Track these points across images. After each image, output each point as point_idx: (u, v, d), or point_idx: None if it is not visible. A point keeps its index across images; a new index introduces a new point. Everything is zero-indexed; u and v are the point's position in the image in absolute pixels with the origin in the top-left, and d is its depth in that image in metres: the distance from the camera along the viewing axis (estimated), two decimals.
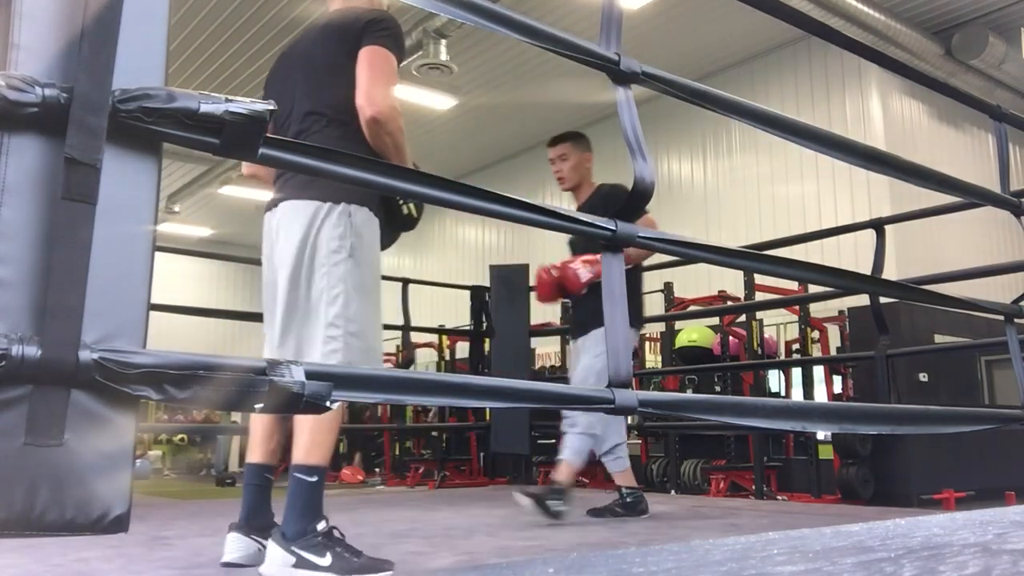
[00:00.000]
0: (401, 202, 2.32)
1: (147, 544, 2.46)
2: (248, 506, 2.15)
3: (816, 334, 6.50)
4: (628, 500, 3.44)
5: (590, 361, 3.43)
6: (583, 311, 3.61)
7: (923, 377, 6.66)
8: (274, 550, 1.90)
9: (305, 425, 2.00)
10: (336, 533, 1.96)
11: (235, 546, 2.10)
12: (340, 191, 2.09)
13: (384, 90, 2.11)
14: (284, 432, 2.22)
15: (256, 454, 2.20)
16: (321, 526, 1.92)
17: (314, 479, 1.96)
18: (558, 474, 3.30)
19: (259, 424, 2.21)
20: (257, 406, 0.93)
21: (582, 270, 3.49)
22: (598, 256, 3.00)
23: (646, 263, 4.70)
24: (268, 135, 1.00)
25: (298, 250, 2.09)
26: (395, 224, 2.33)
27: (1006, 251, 8.78)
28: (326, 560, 1.87)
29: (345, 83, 2.14)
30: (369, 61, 2.12)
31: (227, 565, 2.08)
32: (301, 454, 1.97)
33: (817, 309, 6.52)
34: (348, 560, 1.89)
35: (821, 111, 8.56)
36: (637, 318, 3.61)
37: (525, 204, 1.31)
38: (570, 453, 3.33)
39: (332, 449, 2.05)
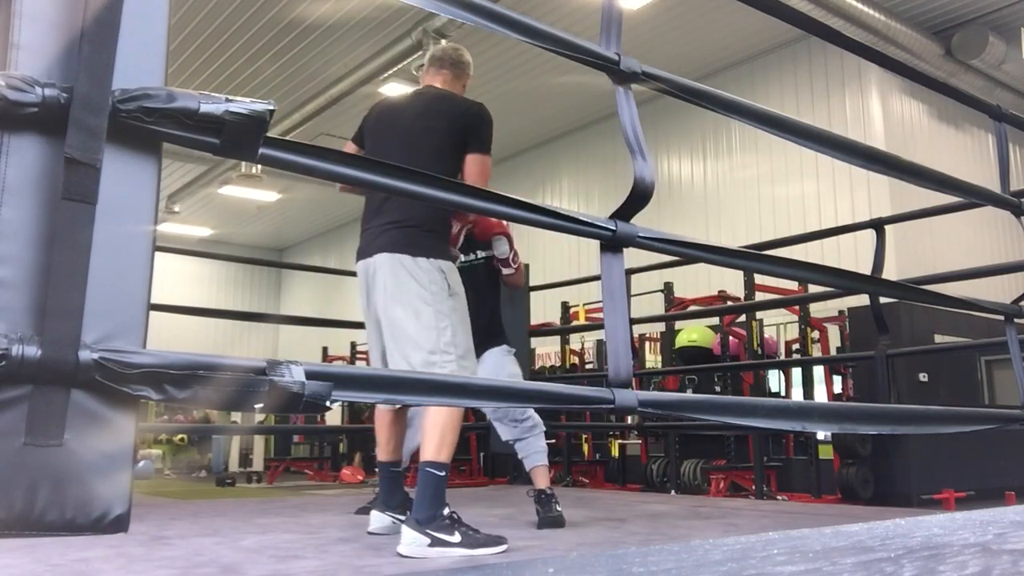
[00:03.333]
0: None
1: (147, 544, 2.46)
2: (384, 491, 2.81)
3: (816, 334, 6.50)
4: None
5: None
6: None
7: (923, 377, 6.66)
8: (409, 534, 2.26)
9: (435, 427, 2.39)
10: (457, 516, 2.34)
11: (377, 520, 2.73)
12: (436, 249, 2.57)
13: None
14: (399, 435, 2.86)
15: (382, 454, 2.86)
16: (447, 511, 2.31)
17: (442, 473, 2.37)
18: (542, 481, 3.08)
19: (381, 431, 2.83)
20: (257, 406, 0.93)
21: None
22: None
23: (646, 263, 4.69)
24: (268, 135, 1.00)
25: (390, 294, 2.56)
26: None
27: (1006, 251, 8.78)
28: (456, 538, 2.26)
29: (442, 170, 2.47)
30: (480, 171, 2.59)
31: (372, 533, 2.68)
32: (431, 452, 2.37)
33: (817, 309, 6.52)
34: (473, 537, 2.28)
35: (821, 111, 8.56)
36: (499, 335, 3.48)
37: (525, 204, 1.31)
38: (539, 456, 3.17)
39: (455, 446, 2.45)
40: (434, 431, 2.39)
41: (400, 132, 2.71)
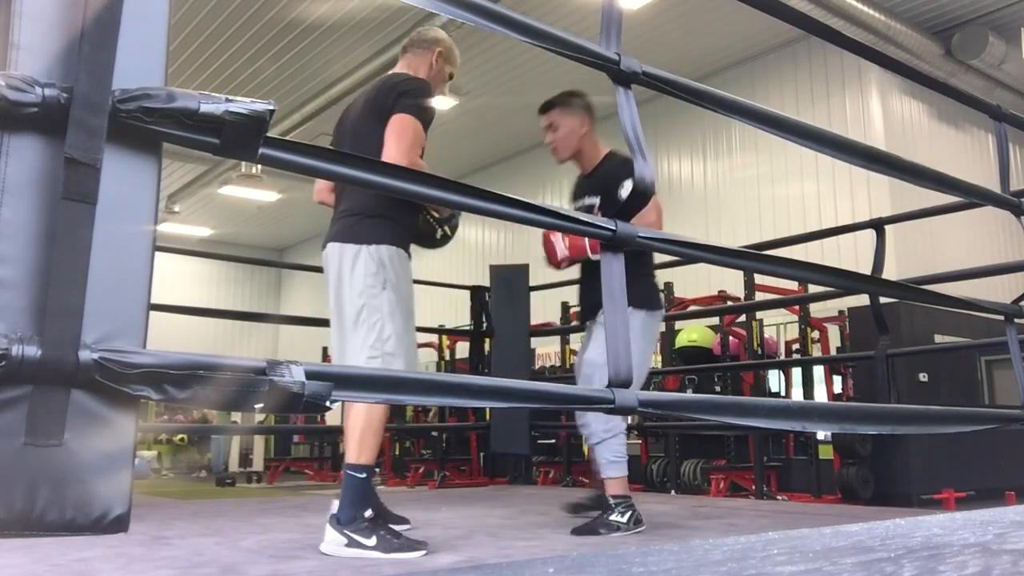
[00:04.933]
0: (437, 226, 2.74)
1: (147, 544, 2.46)
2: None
3: (816, 334, 6.50)
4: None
5: (593, 355, 2.99)
6: (592, 289, 3.12)
7: (923, 377, 6.66)
8: (330, 532, 2.27)
9: (354, 430, 2.38)
10: (380, 520, 2.32)
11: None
12: (376, 235, 2.50)
13: (405, 157, 2.43)
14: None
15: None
16: (368, 514, 2.29)
17: (362, 475, 2.36)
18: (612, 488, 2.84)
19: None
20: (257, 406, 0.93)
21: (559, 244, 3.09)
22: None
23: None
24: (268, 135, 1.00)
25: (335, 285, 2.57)
26: (429, 244, 2.79)
27: (1006, 251, 8.78)
28: (372, 541, 2.24)
29: (375, 149, 2.46)
30: (398, 130, 2.46)
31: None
32: (351, 455, 2.37)
33: (817, 309, 6.51)
34: (390, 541, 2.25)
35: (821, 111, 8.56)
36: (649, 299, 3.06)
37: (525, 204, 1.31)
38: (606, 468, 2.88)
39: (378, 449, 2.44)
40: (353, 434, 2.37)
41: (350, 131, 2.67)
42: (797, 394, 6.23)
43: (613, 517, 2.74)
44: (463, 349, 7.55)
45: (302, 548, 2.41)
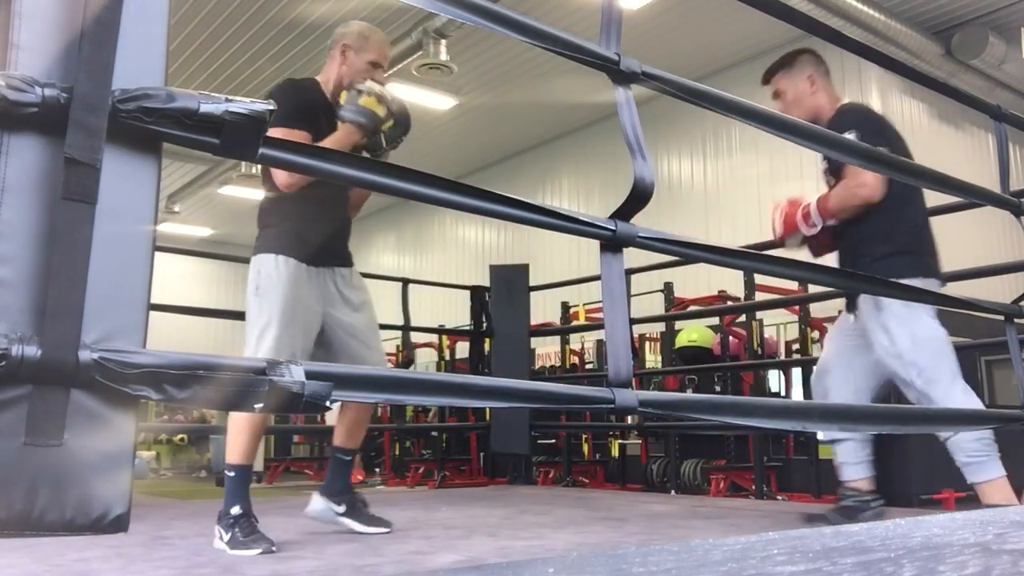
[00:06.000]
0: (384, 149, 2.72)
1: (147, 544, 2.46)
2: (328, 475, 2.87)
3: (816, 334, 6.49)
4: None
5: (886, 349, 2.69)
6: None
7: None
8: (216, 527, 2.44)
9: (230, 430, 2.55)
10: (243, 518, 2.41)
11: (314, 503, 2.76)
12: (257, 246, 2.62)
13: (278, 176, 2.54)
14: (347, 420, 2.79)
15: (334, 437, 2.86)
16: (235, 511, 2.41)
17: (231, 474, 2.52)
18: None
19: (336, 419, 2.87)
20: (257, 406, 0.93)
21: (777, 221, 2.85)
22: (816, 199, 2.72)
23: (646, 263, 4.68)
24: (267, 135, 1.00)
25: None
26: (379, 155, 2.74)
27: (1006, 251, 8.78)
28: (227, 536, 2.38)
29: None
30: None
31: (311, 518, 2.75)
32: (227, 454, 2.55)
33: (817, 309, 6.51)
34: (237, 540, 2.35)
35: None
36: (916, 267, 2.76)
37: (525, 204, 1.31)
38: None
39: (248, 450, 2.54)
40: (229, 434, 2.56)
41: None
42: (797, 394, 6.23)
43: None
44: (463, 349, 7.55)
45: (302, 548, 2.41)
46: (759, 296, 6.03)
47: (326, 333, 2.68)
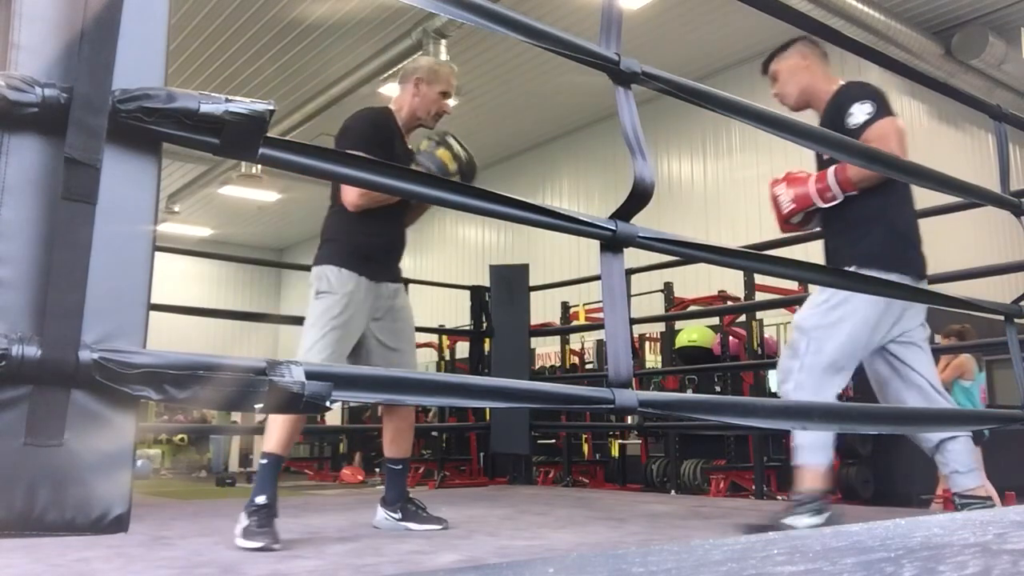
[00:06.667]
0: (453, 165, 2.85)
1: (147, 544, 2.46)
2: (385, 486, 2.99)
3: None
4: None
5: (801, 317, 2.74)
6: (831, 234, 2.83)
7: None
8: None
9: (269, 421, 2.66)
10: (265, 509, 2.45)
11: (377, 514, 2.92)
12: (321, 256, 2.86)
13: (348, 193, 2.77)
14: (393, 430, 2.98)
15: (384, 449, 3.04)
16: (260, 500, 2.46)
17: (264, 461, 2.59)
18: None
19: (384, 425, 3.03)
20: (257, 406, 0.93)
21: (784, 198, 2.80)
22: (810, 175, 2.71)
23: (646, 263, 4.68)
24: (268, 135, 1.00)
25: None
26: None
27: (1006, 251, 8.78)
28: (244, 523, 2.43)
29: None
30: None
31: (375, 527, 2.89)
32: (264, 443, 2.62)
33: None
34: (248, 529, 2.41)
35: None
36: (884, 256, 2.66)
37: (525, 204, 1.31)
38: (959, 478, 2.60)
39: (285, 441, 2.62)
40: (269, 423, 2.68)
41: None
42: None
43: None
44: (463, 349, 7.55)
45: (302, 548, 2.41)
46: (759, 296, 6.03)
47: (362, 343, 2.88)
